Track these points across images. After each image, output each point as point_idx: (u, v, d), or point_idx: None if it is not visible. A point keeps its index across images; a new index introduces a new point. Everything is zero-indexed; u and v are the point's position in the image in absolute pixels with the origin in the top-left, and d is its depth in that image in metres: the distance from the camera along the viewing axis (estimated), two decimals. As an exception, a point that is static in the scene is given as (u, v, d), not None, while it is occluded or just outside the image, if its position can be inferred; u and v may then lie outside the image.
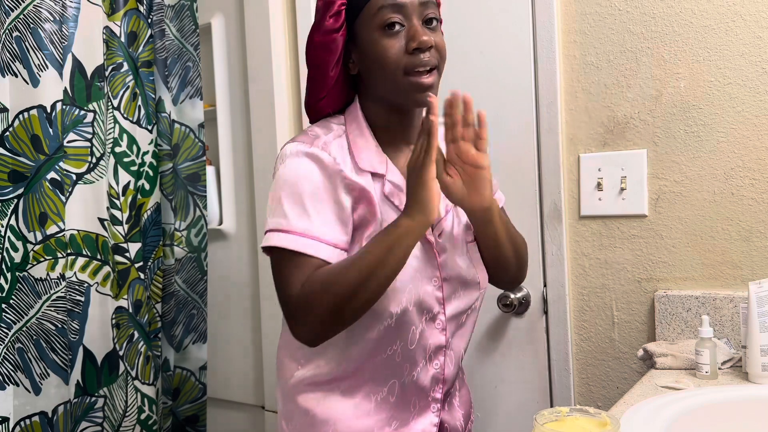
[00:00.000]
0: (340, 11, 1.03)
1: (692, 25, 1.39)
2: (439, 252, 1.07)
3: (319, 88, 1.08)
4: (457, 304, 1.09)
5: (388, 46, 1.00)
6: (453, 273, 1.08)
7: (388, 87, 1.03)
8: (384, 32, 1.00)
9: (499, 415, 1.66)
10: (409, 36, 1.00)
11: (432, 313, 1.06)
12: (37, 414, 1.50)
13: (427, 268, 1.05)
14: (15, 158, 1.48)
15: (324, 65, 1.05)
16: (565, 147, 1.55)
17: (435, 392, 1.10)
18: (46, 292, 1.50)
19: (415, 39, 0.99)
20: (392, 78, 1.01)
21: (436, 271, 1.06)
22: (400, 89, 1.01)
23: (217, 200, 2.08)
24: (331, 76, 1.06)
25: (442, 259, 1.07)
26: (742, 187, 1.36)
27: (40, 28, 1.50)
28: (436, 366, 1.09)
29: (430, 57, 1.00)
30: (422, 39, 0.98)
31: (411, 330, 1.05)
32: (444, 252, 1.08)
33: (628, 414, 0.96)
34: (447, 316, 1.08)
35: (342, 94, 1.10)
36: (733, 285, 1.37)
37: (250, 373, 2.04)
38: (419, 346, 1.06)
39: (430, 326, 1.07)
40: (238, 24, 2.01)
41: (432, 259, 1.06)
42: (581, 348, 1.55)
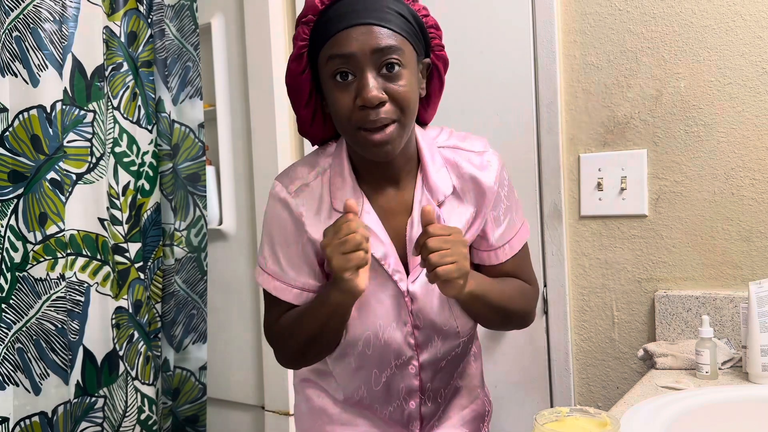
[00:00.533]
0: (302, 54, 0.97)
1: (692, 25, 1.39)
2: (412, 299, 1.03)
3: (300, 123, 1.06)
4: (433, 351, 1.06)
5: (339, 97, 0.92)
6: (427, 322, 1.04)
7: (346, 137, 0.98)
8: (336, 82, 0.92)
9: (500, 415, 1.66)
10: (357, 91, 0.91)
11: (403, 359, 1.05)
12: (37, 414, 1.49)
13: (400, 314, 1.03)
14: (15, 158, 1.48)
15: (295, 104, 1.03)
16: (565, 147, 1.54)
17: (413, 427, 1.11)
18: (46, 292, 1.50)
19: (360, 96, 0.90)
20: (345, 131, 0.95)
21: (408, 318, 1.03)
22: (354, 142, 0.96)
23: (217, 200, 2.08)
24: (303, 115, 1.03)
25: (415, 308, 1.03)
26: (743, 187, 1.36)
27: (39, 28, 1.50)
28: (412, 406, 1.09)
29: (381, 114, 0.91)
30: (366, 97, 0.89)
31: (374, 373, 1.06)
32: (416, 300, 1.03)
33: (628, 414, 0.96)
34: (421, 361, 1.05)
35: (328, 126, 1.05)
36: (733, 285, 1.37)
37: (250, 373, 2.04)
38: (387, 388, 1.07)
39: (402, 370, 1.06)
40: (238, 24, 2.01)
41: (403, 306, 1.03)
42: (581, 348, 1.55)
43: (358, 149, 0.97)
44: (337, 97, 0.93)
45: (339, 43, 0.91)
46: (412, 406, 1.09)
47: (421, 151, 1.04)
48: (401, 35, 0.93)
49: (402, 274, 1.02)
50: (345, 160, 1.03)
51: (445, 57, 1.05)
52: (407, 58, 0.93)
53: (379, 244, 1.01)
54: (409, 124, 0.96)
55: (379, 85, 0.91)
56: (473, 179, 1.04)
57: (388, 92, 0.91)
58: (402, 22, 0.94)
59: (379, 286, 1.02)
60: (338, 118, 0.95)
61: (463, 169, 1.05)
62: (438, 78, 1.06)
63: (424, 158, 1.04)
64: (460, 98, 1.68)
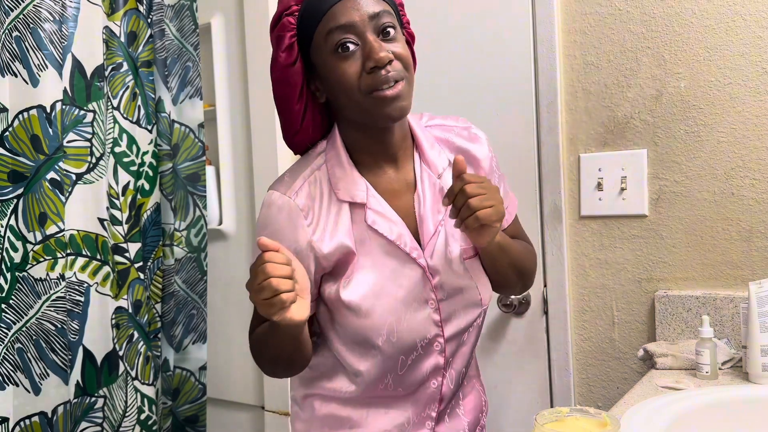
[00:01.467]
0: (292, 44, 0.98)
1: (692, 25, 1.39)
2: (433, 274, 1.04)
3: (289, 124, 1.05)
4: (457, 323, 1.06)
5: (345, 69, 0.94)
6: (450, 294, 1.05)
7: (355, 110, 0.98)
8: (338, 55, 0.94)
9: (499, 415, 1.66)
10: (365, 55, 0.93)
11: (428, 338, 1.04)
12: (36, 414, 1.49)
13: (423, 292, 1.03)
14: (15, 158, 1.48)
15: (287, 101, 1.02)
16: (565, 147, 1.54)
17: (430, 410, 1.10)
18: (46, 292, 1.50)
19: (371, 58, 0.93)
20: (356, 100, 0.96)
21: (432, 294, 1.04)
22: (366, 109, 0.96)
23: (217, 200, 2.07)
24: (296, 110, 1.02)
25: (437, 281, 1.04)
26: (743, 187, 1.36)
27: (39, 28, 1.50)
28: (434, 385, 1.08)
29: (391, 71, 0.94)
30: (378, 57, 0.92)
31: (400, 360, 1.05)
32: (437, 273, 1.04)
33: (628, 414, 0.96)
34: (446, 337, 1.06)
35: (317, 126, 1.06)
36: (733, 285, 1.37)
37: (250, 373, 2.03)
38: (413, 371, 1.06)
39: (426, 350, 1.05)
40: (238, 24, 2.01)
41: (426, 282, 1.03)
42: (581, 348, 1.55)
43: (367, 118, 0.98)
44: (344, 68, 0.94)
45: (336, 15, 0.94)
46: (433, 386, 1.08)
47: (414, 130, 1.07)
48: (386, 2, 0.98)
49: (419, 251, 1.03)
50: (341, 150, 1.04)
51: (413, 33, 1.09)
52: (396, 23, 0.99)
53: (392, 225, 1.02)
54: (412, 83, 0.99)
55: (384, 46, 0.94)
56: (466, 152, 1.10)
57: (392, 53, 0.95)
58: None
59: (398, 268, 1.02)
60: (346, 89, 0.96)
61: (455, 143, 1.11)
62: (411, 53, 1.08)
63: (417, 136, 1.07)
64: (461, 98, 1.68)
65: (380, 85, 0.93)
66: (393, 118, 0.97)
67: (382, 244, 1.02)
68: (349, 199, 1.02)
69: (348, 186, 1.02)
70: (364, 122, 1.00)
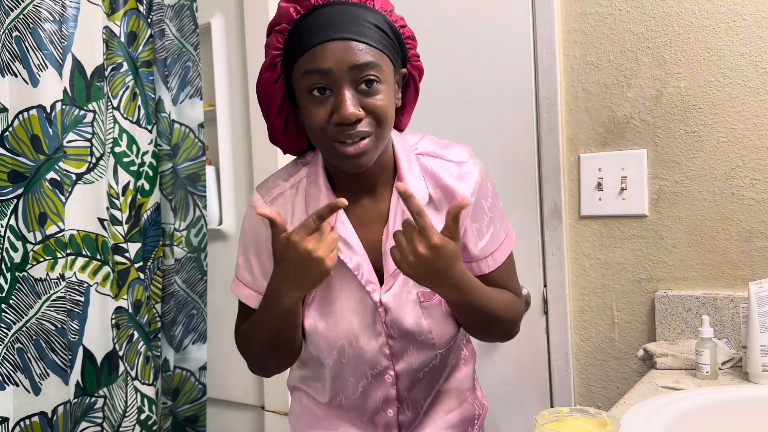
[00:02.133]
0: (276, 63, 0.96)
1: (692, 25, 1.39)
2: (385, 310, 1.01)
3: (271, 133, 1.04)
4: (409, 361, 1.05)
5: (314, 111, 0.91)
6: (402, 334, 1.03)
7: (320, 149, 0.97)
8: (311, 97, 0.91)
9: (499, 415, 1.66)
10: (334, 107, 0.90)
11: (379, 368, 1.04)
12: (36, 414, 1.49)
13: (374, 324, 1.02)
14: (15, 158, 1.48)
15: (267, 113, 1.01)
16: (566, 147, 1.54)
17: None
18: (46, 292, 1.50)
19: (337, 113, 0.89)
20: (321, 142, 0.94)
21: (383, 329, 1.02)
22: (329, 153, 0.95)
23: (217, 200, 2.07)
24: (276, 124, 1.01)
25: (389, 318, 1.01)
26: (743, 187, 1.36)
27: (39, 28, 1.50)
28: (390, 414, 1.09)
29: (357, 129, 0.90)
30: (344, 114, 0.88)
31: (350, 382, 1.06)
32: (389, 311, 1.01)
33: (628, 414, 0.96)
34: (397, 371, 1.05)
35: (302, 136, 1.04)
36: (733, 285, 1.37)
37: (250, 373, 2.03)
38: (366, 397, 1.07)
39: (378, 380, 1.05)
40: (238, 24, 2.01)
41: (377, 317, 1.02)
42: (581, 348, 1.55)
43: (332, 161, 0.97)
44: (312, 111, 0.91)
45: (315, 57, 0.89)
46: (389, 414, 1.08)
47: (398, 159, 1.03)
48: (379, 50, 0.92)
49: (375, 285, 1.01)
50: (320, 170, 1.03)
51: (421, 67, 1.04)
52: (385, 73, 0.93)
53: (353, 255, 1.00)
54: (384, 137, 0.95)
55: (356, 102, 0.90)
56: (449, 190, 1.02)
57: (365, 107, 0.91)
58: (380, 35, 0.92)
59: (352, 296, 1.02)
60: (312, 131, 0.94)
61: (441, 179, 1.03)
62: (414, 87, 1.05)
63: (400, 166, 1.02)
64: (461, 98, 1.68)
65: (343, 139, 0.91)
66: (351, 170, 0.95)
67: (342, 270, 1.01)
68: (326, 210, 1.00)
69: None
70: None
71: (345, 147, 0.91)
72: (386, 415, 1.09)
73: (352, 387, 1.07)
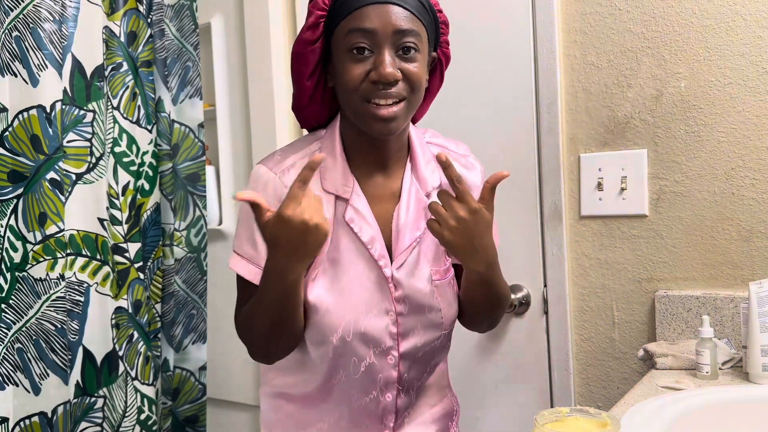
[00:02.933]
0: (318, 24, 0.98)
1: (692, 25, 1.39)
2: (396, 286, 1.02)
3: (297, 98, 1.05)
4: (414, 341, 1.05)
5: (352, 69, 0.94)
6: (411, 310, 1.03)
7: (350, 110, 0.98)
8: (351, 55, 0.94)
9: (499, 415, 1.66)
10: (374, 66, 0.93)
11: (382, 347, 1.03)
12: (36, 414, 1.49)
13: (383, 302, 1.02)
14: (15, 158, 1.48)
15: (299, 76, 1.02)
16: (566, 147, 1.54)
17: (387, 420, 1.09)
18: (46, 292, 1.50)
19: (377, 70, 0.92)
20: (353, 102, 0.96)
21: (392, 305, 1.02)
22: (359, 114, 0.96)
23: (217, 200, 2.07)
24: (306, 86, 1.02)
25: (399, 294, 1.02)
26: (743, 187, 1.36)
27: (39, 28, 1.50)
28: (388, 398, 1.07)
29: (392, 90, 0.94)
30: (383, 72, 0.92)
31: (353, 361, 1.03)
32: (401, 287, 1.02)
33: (628, 414, 0.96)
34: (401, 352, 1.04)
35: (325, 106, 1.06)
36: (733, 285, 1.37)
37: (250, 373, 2.03)
38: (367, 378, 1.05)
39: (381, 360, 1.04)
40: (238, 24, 2.01)
41: (387, 293, 1.02)
42: (581, 348, 1.55)
43: (360, 123, 0.98)
44: (350, 68, 0.94)
45: (362, 17, 0.93)
46: (388, 399, 1.07)
47: (412, 142, 1.06)
48: (421, 22, 0.96)
49: (387, 260, 1.02)
50: (337, 142, 1.03)
51: (449, 54, 1.08)
52: (422, 45, 0.97)
53: (368, 228, 1.01)
54: (415, 105, 0.98)
55: (395, 64, 0.94)
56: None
57: (402, 71, 0.94)
58: (423, 9, 0.97)
59: (363, 271, 1.02)
60: (347, 89, 0.95)
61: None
62: (440, 74, 1.08)
63: (414, 149, 1.06)
64: (461, 98, 1.68)
65: (377, 99, 0.93)
66: (380, 134, 0.97)
67: (354, 243, 1.02)
68: (334, 191, 1.02)
69: (335, 178, 1.02)
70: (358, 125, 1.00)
71: (378, 108, 0.94)
72: (384, 399, 1.07)
73: (354, 367, 1.04)
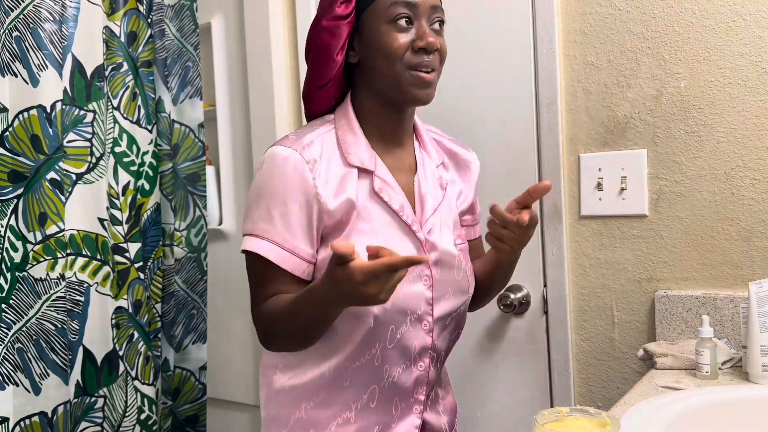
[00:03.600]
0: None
1: (692, 25, 1.39)
2: (429, 250, 1.06)
3: (320, 74, 1.07)
4: (445, 305, 1.08)
5: (396, 38, 1.01)
6: (443, 274, 1.07)
7: (388, 79, 1.03)
8: (394, 25, 1.01)
9: (499, 415, 1.66)
10: (418, 35, 1.01)
11: (417, 314, 1.04)
12: (36, 414, 1.49)
13: (417, 267, 1.03)
14: (15, 158, 1.48)
15: (329, 50, 1.04)
16: (565, 147, 1.54)
17: (418, 394, 1.09)
18: (46, 292, 1.50)
19: (423, 38, 1.01)
20: (394, 69, 1.01)
21: (426, 270, 1.05)
22: (400, 81, 1.02)
23: (217, 200, 2.07)
24: (337, 60, 1.05)
25: (434, 258, 1.06)
26: (743, 187, 1.36)
27: (39, 28, 1.50)
28: (421, 368, 1.08)
29: (433, 59, 1.02)
30: (429, 40, 1.01)
31: (390, 330, 1.03)
32: (434, 250, 1.06)
33: (628, 414, 0.96)
34: (435, 317, 1.07)
35: (340, 86, 1.09)
36: (733, 285, 1.37)
37: (250, 373, 2.04)
38: (400, 347, 1.05)
39: (415, 327, 1.05)
40: (238, 24, 2.01)
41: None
42: (581, 348, 1.55)
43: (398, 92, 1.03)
44: (394, 37, 1.01)
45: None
46: (421, 368, 1.07)
47: (416, 122, 1.16)
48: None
49: (419, 225, 1.06)
50: (353, 119, 1.08)
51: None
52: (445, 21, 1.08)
53: (397, 196, 1.06)
54: (439, 77, 1.06)
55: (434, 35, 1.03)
56: (455, 154, 1.19)
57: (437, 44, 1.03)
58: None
59: (397, 239, 1.04)
60: (390, 57, 1.01)
61: (444, 144, 1.20)
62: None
63: (419, 128, 1.16)
64: (461, 98, 1.68)
65: (421, 67, 1.01)
66: (419, 101, 1.04)
67: (384, 213, 1.04)
68: (359, 164, 1.04)
69: (360, 152, 1.05)
70: (389, 95, 1.05)
71: (422, 74, 1.02)
72: (418, 369, 1.07)
73: (391, 336, 1.04)
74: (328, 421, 1.06)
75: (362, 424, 1.06)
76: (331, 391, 1.06)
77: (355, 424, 1.06)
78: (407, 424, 1.09)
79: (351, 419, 1.06)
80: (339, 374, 1.05)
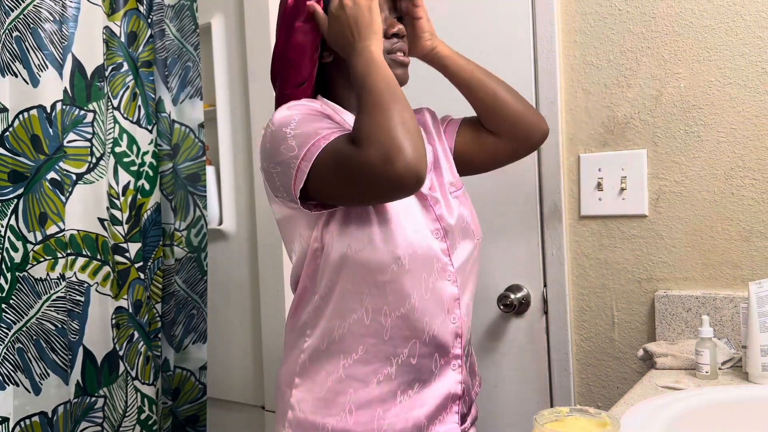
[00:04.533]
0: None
1: (692, 25, 1.39)
2: (433, 204, 1.11)
3: (296, 72, 1.09)
4: (460, 254, 1.12)
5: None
6: (451, 222, 1.11)
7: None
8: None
9: (499, 415, 1.66)
10: (388, 24, 1.10)
11: (441, 264, 1.08)
12: (37, 414, 1.49)
13: (427, 221, 1.08)
14: (15, 158, 1.48)
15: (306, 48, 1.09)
16: (565, 147, 1.54)
17: (455, 348, 1.09)
18: (46, 292, 1.50)
19: (395, 26, 1.10)
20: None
21: (436, 224, 1.09)
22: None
23: (217, 200, 2.08)
24: (314, 58, 1.09)
25: (439, 211, 1.10)
26: (743, 187, 1.36)
27: (40, 28, 1.50)
28: (454, 320, 1.09)
29: (404, 43, 1.12)
30: (400, 26, 1.11)
31: (422, 277, 1.05)
32: (438, 203, 1.11)
33: (628, 414, 0.96)
34: (455, 267, 1.10)
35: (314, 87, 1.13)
36: (733, 285, 1.37)
37: (250, 373, 2.04)
38: (435, 298, 1.06)
39: (441, 277, 1.08)
40: (238, 24, 2.01)
41: (429, 210, 1.09)
42: (581, 348, 1.55)
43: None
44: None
45: None
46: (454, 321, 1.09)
47: None
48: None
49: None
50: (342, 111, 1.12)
51: None
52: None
53: None
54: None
55: None
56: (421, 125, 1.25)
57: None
58: None
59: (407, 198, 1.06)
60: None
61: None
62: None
63: None
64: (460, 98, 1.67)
65: (396, 50, 1.10)
66: (402, 80, 1.10)
67: None
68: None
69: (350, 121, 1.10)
70: None
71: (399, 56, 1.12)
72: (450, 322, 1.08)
73: (425, 284, 1.05)
74: (369, 378, 1.05)
75: (402, 380, 1.06)
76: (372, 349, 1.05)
77: (395, 380, 1.05)
78: (449, 380, 1.09)
79: (392, 375, 1.05)
80: (380, 324, 1.04)
